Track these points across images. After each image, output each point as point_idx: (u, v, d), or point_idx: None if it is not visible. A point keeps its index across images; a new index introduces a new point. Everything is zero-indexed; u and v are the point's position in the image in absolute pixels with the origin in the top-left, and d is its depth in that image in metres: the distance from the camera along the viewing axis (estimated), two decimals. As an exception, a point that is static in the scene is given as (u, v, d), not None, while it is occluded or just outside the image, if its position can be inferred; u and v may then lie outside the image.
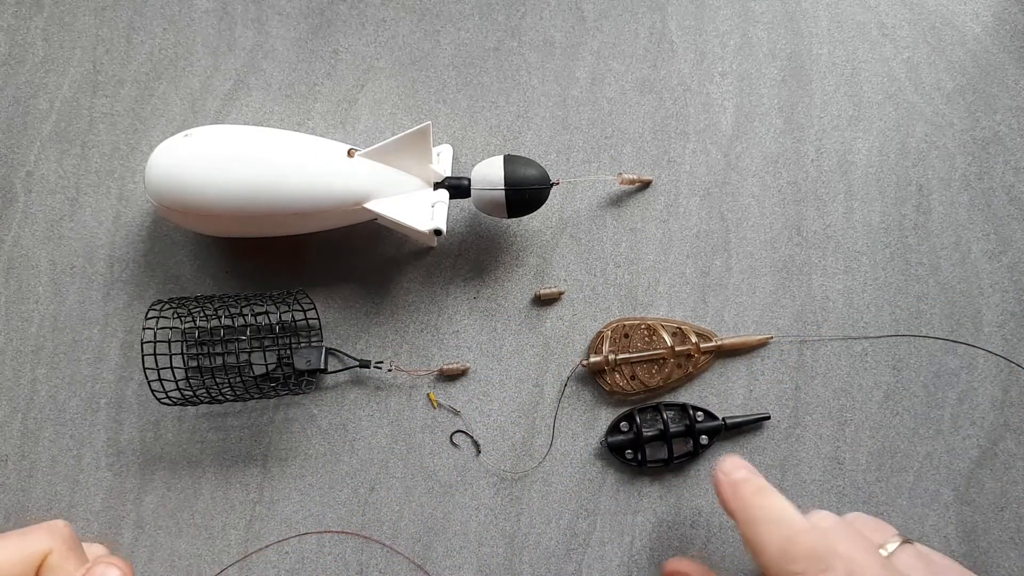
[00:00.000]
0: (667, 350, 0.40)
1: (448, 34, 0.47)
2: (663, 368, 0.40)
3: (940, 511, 0.41)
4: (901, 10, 0.47)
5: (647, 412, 0.41)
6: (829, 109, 0.45)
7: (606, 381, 0.40)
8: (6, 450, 0.42)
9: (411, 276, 0.44)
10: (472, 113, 0.46)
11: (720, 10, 0.47)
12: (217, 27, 0.47)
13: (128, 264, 0.44)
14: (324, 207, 0.39)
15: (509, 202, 0.39)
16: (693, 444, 0.40)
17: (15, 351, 0.43)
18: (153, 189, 0.39)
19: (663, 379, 0.40)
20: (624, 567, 0.40)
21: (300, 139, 0.40)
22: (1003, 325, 0.42)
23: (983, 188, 0.44)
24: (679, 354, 0.40)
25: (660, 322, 0.41)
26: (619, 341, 0.41)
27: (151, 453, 0.42)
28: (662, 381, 0.40)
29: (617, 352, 0.40)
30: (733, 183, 0.45)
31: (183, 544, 0.41)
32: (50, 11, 0.47)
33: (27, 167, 0.45)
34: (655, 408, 0.41)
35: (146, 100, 0.46)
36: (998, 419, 0.42)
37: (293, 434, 0.42)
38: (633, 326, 0.41)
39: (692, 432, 0.40)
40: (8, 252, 0.44)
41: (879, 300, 0.43)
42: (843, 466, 0.41)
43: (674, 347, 0.40)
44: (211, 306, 0.40)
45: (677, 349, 0.40)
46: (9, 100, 0.46)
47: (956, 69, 0.46)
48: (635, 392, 0.40)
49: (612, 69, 0.46)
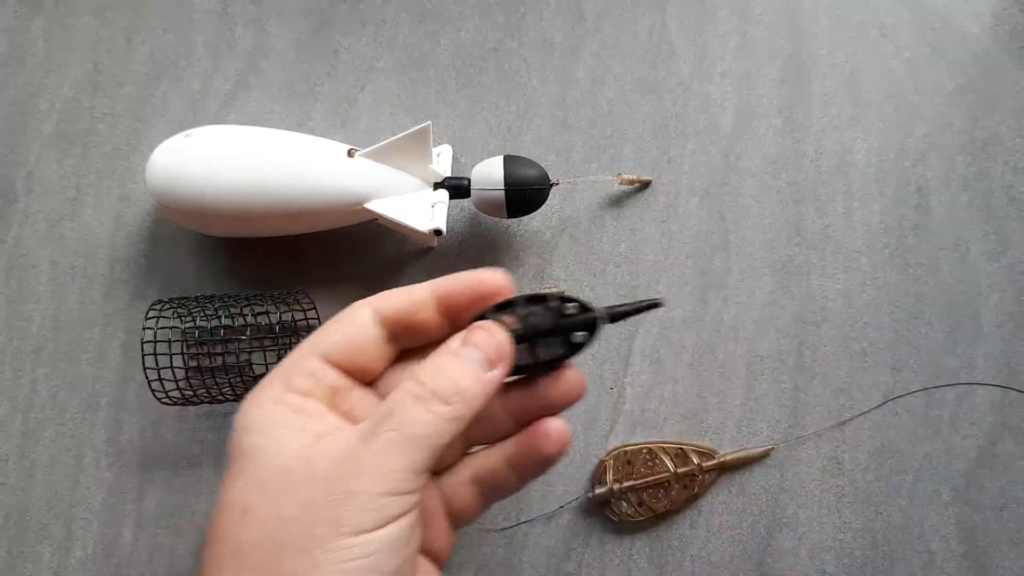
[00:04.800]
0: (670, 474, 0.40)
1: (448, 34, 0.47)
2: (668, 492, 0.40)
3: (939, 511, 0.41)
4: (901, 11, 0.47)
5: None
6: (829, 109, 0.45)
7: (613, 511, 0.40)
8: (7, 450, 0.42)
9: (411, 276, 0.44)
10: (472, 113, 0.46)
11: (720, 10, 0.47)
12: (217, 27, 0.47)
13: (128, 264, 0.44)
14: (324, 207, 0.39)
15: (509, 202, 0.40)
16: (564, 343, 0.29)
17: (16, 351, 0.43)
18: (153, 189, 0.39)
19: (670, 503, 0.40)
20: (624, 566, 0.40)
21: (300, 139, 0.40)
22: (1002, 325, 0.43)
23: (982, 188, 0.44)
24: (682, 476, 0.40)
25: (660, 445, 0.41)
26: (622, 469, 0.41)
27: (151, 453, 0.42)
28: (669, 504, 0.40)
29: (621, 480, 0.40)
30: (733, 183, 0.45)
31: (183, 544, 0.41)
32: (50, 12, 0.47)
33: (28, 167, 0.45)
34: (514, 303, 0.29)
35: (146, 100, 0.46)
36: (997, 419, 0.42)
37: (293, 434, 0.42)
38: (635, 452, 0.41)
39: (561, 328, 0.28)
40: (9, 252, 0.44)
41: (878, 300, 0.43)
42: (843, 466, 0.41)
43: (676, 470, 0.40)
44: (211, 306, 0.40)
45: (680, 472, 0.40)
46: (9, 100, 0.46)
47: (956, 69, 0.46)
48: (643, 518, 0.40)
49: (612, 69, 0.46)
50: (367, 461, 0.24)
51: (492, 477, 0.29)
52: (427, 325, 0.28)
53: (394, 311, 0.28)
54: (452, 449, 0.29)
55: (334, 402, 0.27)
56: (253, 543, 0.23)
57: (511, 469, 0.28)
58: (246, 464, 0.25)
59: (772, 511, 0.41)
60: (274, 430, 0.25)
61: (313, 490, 0.23)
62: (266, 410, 0.26)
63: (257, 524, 0.24)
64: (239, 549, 0.23)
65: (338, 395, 0.27)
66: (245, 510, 0.24)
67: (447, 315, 0.28)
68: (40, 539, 0.41)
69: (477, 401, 0.25)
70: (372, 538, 0.23)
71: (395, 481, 0.24)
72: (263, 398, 0.26)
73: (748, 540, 0.41)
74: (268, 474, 0.24)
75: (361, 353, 0.27)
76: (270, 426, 0.25)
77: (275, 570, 0.23)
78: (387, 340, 0.28)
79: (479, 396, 0.26)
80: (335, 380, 0.27)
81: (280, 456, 0.25)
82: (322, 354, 0.27)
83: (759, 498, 0.41)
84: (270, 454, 0.25)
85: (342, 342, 0.27)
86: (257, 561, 0.23)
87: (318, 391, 0.27)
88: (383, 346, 0.28)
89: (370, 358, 0.28)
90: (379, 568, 0.23)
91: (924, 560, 0.40)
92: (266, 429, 0.25)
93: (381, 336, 0.28)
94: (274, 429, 0.25)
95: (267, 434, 0.25)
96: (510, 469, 0.28)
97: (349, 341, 0.27)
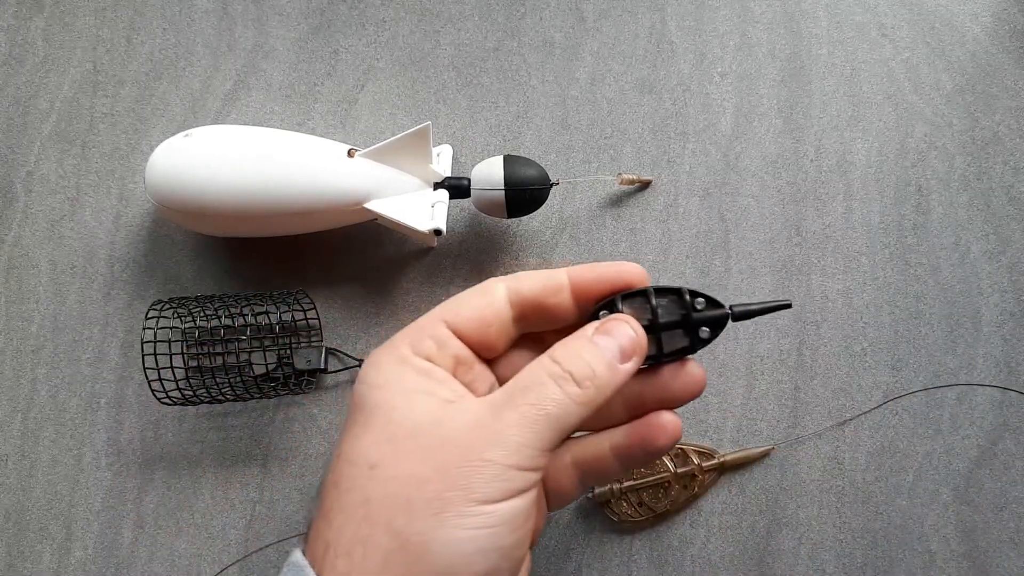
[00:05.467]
0: (670, 474, 0.40)
1: (448, 34, 0.47)
2: (668, 492, 0.40)
3: (939, 511, 0.41)
4: (900, 11, 0.47)
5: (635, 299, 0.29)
6: (828, 109, 0.45)
7: (613, 511, 0.40)
8: (6, 450, 0.42)
9: (411, 276, 0.44)
10: (472, 113, 0.46)
11: (719, 10, 0.47)
12: (217, 27, 0.47)
13: (128, 264, 0.44)
14: (324, 207, 0.39)
15: (509, 202, 0.40)
16: (688, 337, 0.29)
17: (15, 351, 0.43)
18: (153, 189, 0.39)
19: (670, 503, 0.40)
20: (624, 566, 0.40)
21: (300, 139, 0.41)
22: (1002, 325, 0.43)
23: (982, 188, 0.44)
24: (682, 476, 0.40)
25: None
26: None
27: (151, 453, 0.42)
28: (669, 505, 0.40)
29: (621, 480, 0.40)
30: (732, 183, 0.45)
31: (183, 544, 0.41)
32: (50, 11, 0.47)
33: (27, 167, 0.45)
34: (643, 294, 0.29)
35: (146, 100, 0.46)
36: (997, 419, 0.42)
37: (293, 434, 0.42)
38: None
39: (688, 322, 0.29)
40: (8, 252, 0.44)
41: (878, 300, 0.43)
42: (843, 466, 0.41)
43: (676, 470, 0.40)
44: (211, 306, 0.40)
45: (679, 471, 0.40)
46: (9, 100, 0.46)
47: (955, 69, 0.46)
48: (643, 518, 0.40)
49: (612, 69, 0.46)
50: (501, 432, 0.24)
51: (595, 462, 0.29)
52: (559, 309, 0.28)
53: (529, 291, 0.28)
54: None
55: (456, 372, 0.27)
56: (380, 498, 0.24)
57: (616, 457, 0.28)
58: (373, 420, 0.25)
59: (772, 511, 0.41)
60: (402, 389, 0.26)
61: (446, 454, 0.24)
62: (394, 369, 0.26)
63: (387, 480, 0.24)
64: (366, 502, 0.24)
65: (460, 366, 0.27)
66: (374, 465, 0.24)
67: (579, 303, 0.28)
68: (40, 539, 0.41)
69: (609, 388, 0.26)
70: (497, 509, 0.23)
71: (524, 456, 0.24)
72: (390, 357, 0.27)
73: (748, 540, 0.41)
74: (399, 432, 0.25)
75: (489, 328, 0.28)
76: (398, 385, 0.26)
77: (401, 527, 0.23)
78: (515, 320, 0.28)
79: (611, 384, 0.26)
80: (459, 350, 0.27)
81: (410, 416, 0.25)
82: (451, 322, 0.27)
83: (759, 498, 0.41)
84: (399, 412, 0.25)
85: (473, 314, 0.27)
86: (384, 516, 0.23)
87: (442, 358, 0.27)
88: (510, 325, 0.28)
89: (496, 334, 0.28)
90: (498, 542, 0.23)
91: (924, 560, 0.40)
92: (394, 387, 0.26)
93: (510, 315, 0.28)
94: (402, 388, 0.26)
95: (396, 392, 0.26)
96: (615, 457, 0.28)
97: (480, 314, 0.27)
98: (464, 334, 0.27)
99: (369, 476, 0.24)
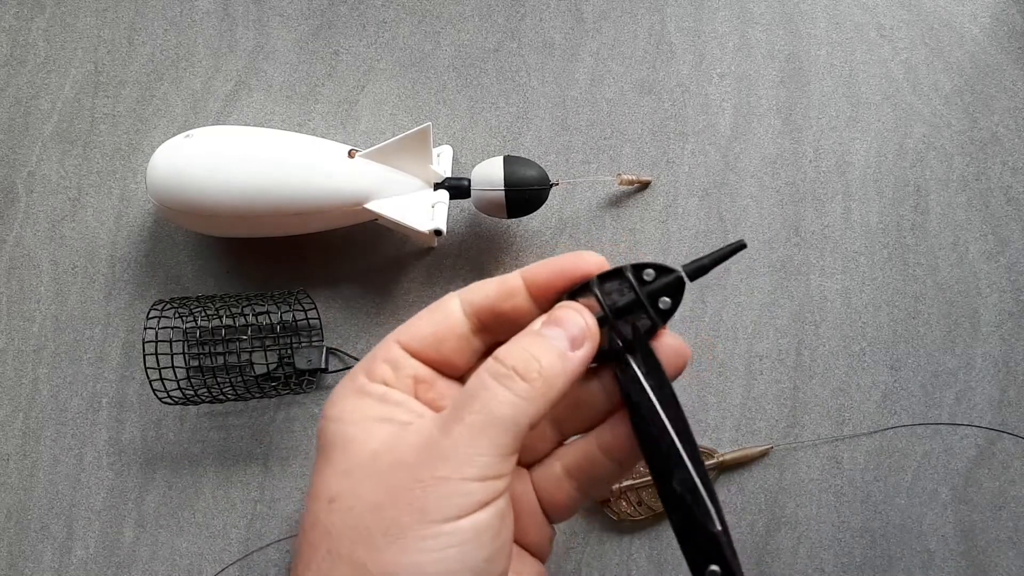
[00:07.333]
0: None
1: (448, 35, 0.47)
2: None
3: (938, 510, 0.41)
4: (899, 12, 0.47)
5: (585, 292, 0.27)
6: (827, 110, 0.46)
7: (613, 510, 0.40)
8: (8, 449, 0.42)
9: (411, 276, 0.44)
10: (472, 114, 0.46)
11: (719, 11, 0.47)
12: (218, 28, 0.47)
13: (130, 264, 0.44)
14: (325, 207, 0.39)
15: (509, 202, 0.40)
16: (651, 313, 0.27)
17: (17, 350, 0.43)
18: (154, 189, 0.39)
19: None
20: (624, 566, 0.41)
21: (301, 140, 0.41)
22: (1001, 325, 0.43)
23: (981, 188, 0.44)
24: None
25: None
26: None
27: (152, 452, 0.42)
28: None
29: (621, 480, 0.40)
30: (731, 184, 0.45)
31: (184, 543, 0.41)
32: (52, 12, 0.48)
33: (29, 167, 0.45)
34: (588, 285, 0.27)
35: (148, 101, 0.46)
36: (996, 419, 0.42)
37: (294, 433, 0.42)
38: None
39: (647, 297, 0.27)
40: (10, 252, 0.44)
41: (877, 300, 0.43)
42: (842, 466, 0.41)
43: None
44: (212, 306, 0.40)
45: None
46: (11, 100, 0.46)
47: (954, 70, 0.46)
48: (643, 517, 0.40)
49: (611, 70, 0.46)
50: (450, 447, 0.23)
51: (588, 466, 0.27)
52: (518, 313, 0.27)
53: (483, 300, 0.27)
54: (543, 440, 0.28)
55: (417, 392, 0.27)
56: (340, 531, 0.23)
57: (608, 456, 0.27)
58: (332, 453, 0.25)
59: (771, 510, 0.41)
60: (359, 419, 0.25)
61: (398, 477, 0.23)
62: (351, 400, 0.26)
63: (344, 512, 0.23)
64: (327, 536, 0.23)
65: (421, 384, 0.27)
66: (332, 498, 0.24)
67: (540, 303, 0.27)
68: (41, 538, 0.41)
69: (560, 380, 0.24)
70: (457, 527, 0.22)
71: (480, 466, 0.23)
72: (348, 388, 0.26)
73: (747, 539, 0.41)
74: (354, 462, 0.24)
75: (444, 343, 0.27)
76: (355, 415, 0.25)
77: (362, 558, 0.22)
78: (476, 331, 0.27)
79: (562, 375, 0.25)
80: (417, 369, 0.27)
81: (366, 445, 0.24)
82: (405, 343, 0.27)
83: (758, 497, 0.41)
84: (356, 443, 0.25)
85: (427, 331, 0.27)
86: (346, 549, 0.23)
87: (399, 380, 0.26)
88: (471, 338, 0.27)
89: (454, 349, 0.27)
90: (467, 559, 0.23)
91: (923, 559, 0.40)
92: (351, 418, 0.25)
93: (468, 327, 0.27)
94: (359, 418, 0.25)
95: (352, 423, 0.25)
96: (606, 456, 0.27)
97: (433, 330, 0.27)
98: (419, 352, 0.27)
99: (329, 510, 0.24)
